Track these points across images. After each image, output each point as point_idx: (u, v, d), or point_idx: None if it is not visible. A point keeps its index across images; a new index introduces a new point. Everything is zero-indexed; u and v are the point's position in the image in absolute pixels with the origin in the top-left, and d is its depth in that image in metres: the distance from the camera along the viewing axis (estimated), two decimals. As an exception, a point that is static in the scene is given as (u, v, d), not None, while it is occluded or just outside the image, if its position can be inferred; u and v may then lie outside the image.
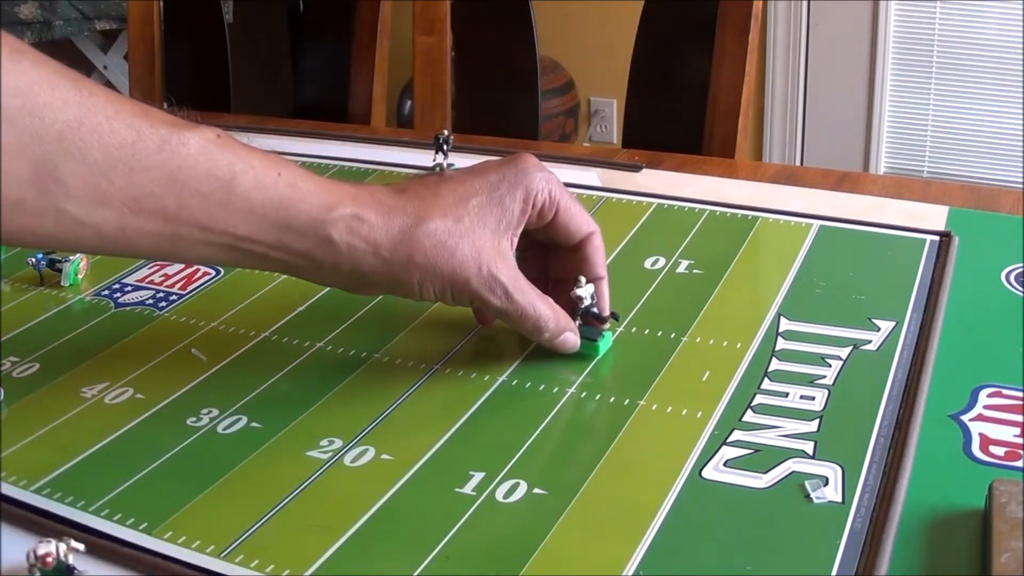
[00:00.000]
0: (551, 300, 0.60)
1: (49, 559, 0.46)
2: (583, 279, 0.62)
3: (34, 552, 0.46)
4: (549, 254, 0.64)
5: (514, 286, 0.58)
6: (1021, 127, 2.36)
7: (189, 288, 0.74)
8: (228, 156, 0.53)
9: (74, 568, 0.46)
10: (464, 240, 0.56)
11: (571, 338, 0.61)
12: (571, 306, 0.62)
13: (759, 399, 0.58)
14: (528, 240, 0.61)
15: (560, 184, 0.61)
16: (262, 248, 0.54)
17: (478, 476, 0.53)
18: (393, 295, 0.59)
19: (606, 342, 0.63)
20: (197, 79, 1.33)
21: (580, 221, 0.61)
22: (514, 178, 0.59)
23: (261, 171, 0.53)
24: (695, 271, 0.72)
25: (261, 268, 0.57)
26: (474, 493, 0.52)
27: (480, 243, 0.56)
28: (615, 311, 0.64)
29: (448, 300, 0.58)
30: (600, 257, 0.63)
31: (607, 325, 0.63)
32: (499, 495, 0.52)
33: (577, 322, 0.63)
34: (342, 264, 0.55)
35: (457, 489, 0.53)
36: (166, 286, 0.75)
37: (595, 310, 0.63)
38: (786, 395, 0.58)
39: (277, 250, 0.55)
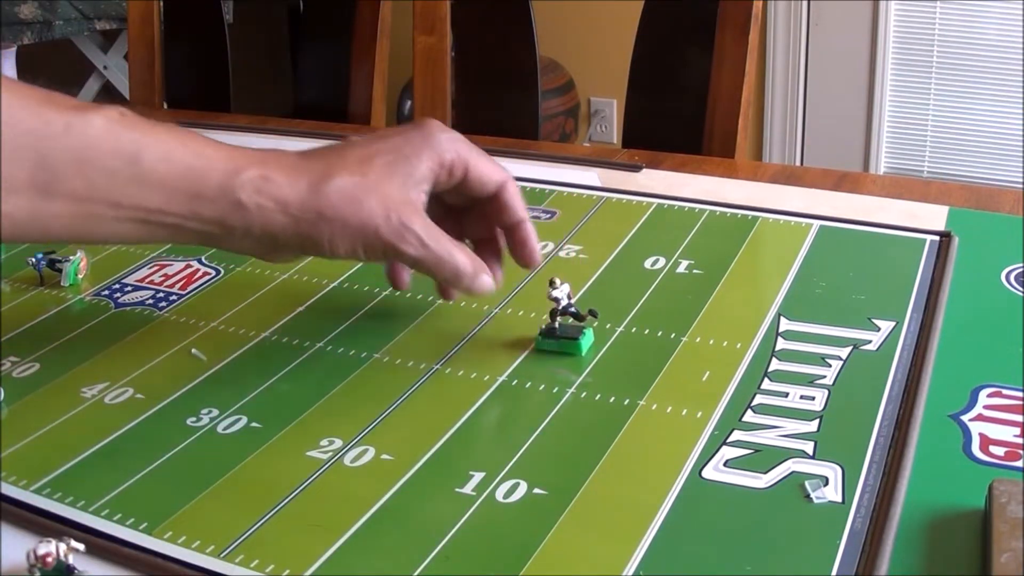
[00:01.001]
0: (464, 247, 0.60)
1: (49, 559, 0.46)
2: (557, 280, 0.62)
3: (34, 552, 0.46)
4: (465, 218, 0.64)
5: (428, 234, 0.57)
6: (1021, 127, 2.36)
7: (189, 288, 0.74)
8: (132, 133, 0.54)
9: (74, 568, 0.46)
10: (372, 193, 0.56)
11: (487, 280, 0.61)
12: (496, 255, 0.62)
13: (759, 399, 0.58)
14: (443, 208, 0.62)
15: (467, 142, 0.61)
16: (174, 219, 0.55)
17: (478, 476, 0.53)
18: (306, 255, 0.59)
19: (587, 339, 0.63)
20: (197, 79, 1.33)
21: (493, 171, 0.61)
22: (419, 140, 0.59)
23: (167, 144, 0.54)
24: (695, 271, 0.72)
25: (176, 241, 0.57)
26: (474, 493, 0.52)
27: (388, 195, 0.57)
28: (593, 308, 0.64)
29: (360, 255, 0.58)
30: (518, 201, 0.62)
31: (586, 322, 0.64)
32: (499, 495, 0.52)
33: (557, 323, 0.63)
34: (253, 226, 0.56)
35: (457, 489, 0.53)
36: (166, 286, 0.75)
37: (573, 309, 0.63)
38: (786, 395, 0.58)
39: (190, 219, 0.55)
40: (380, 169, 0.57)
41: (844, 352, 0.62)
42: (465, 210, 0.64)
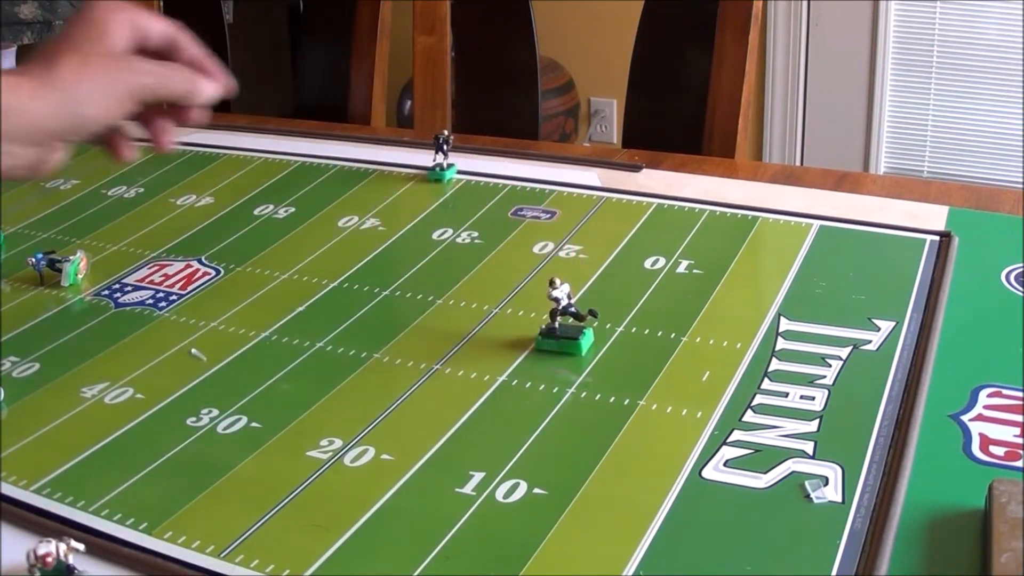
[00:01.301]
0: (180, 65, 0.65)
1: (49, 559, 0.46)
2: (557, 280, 0.63)
3: (34, 552, 0.46)
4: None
5: (151, 64, 0.63)
6: (1021, 127, 2.36)
7: (189, 288, 0.74)
8: None
9: (74, 568, 0.46)
10: (96, 59, 0.61)
11: (209, 84, 0.65)
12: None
13: (759, 399, 0.58)
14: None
15: (138, 9, 0.66)
16: None
17: (478, 476, 0.53)
18: (76, 139, 0.62)
19: (587, 339, 0.63)
20: (197, 79, 1.32)
21: (164, 22, 0.66)
22: (100, 10, 0.64)
23: None
24: (695, 271, 0.72)
25: None
26: (474, 493, 0.52)
27: (107, 55, 0.62)
28: (593, 308, 0.64)
29: (117, 111, 0.61)
30: (192, 42, 0.67)
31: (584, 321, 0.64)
32: (499, 495, 0.52)
33: (557, 323, 0.63)
34: (21, 130, 0.59)
35: (457, 489, 0.53)
36: (166, 286, 0.75)
37: (573, 309, 0.63)
38: (786, 395, 0.58)
39: None
40: (89, 42, 0.62)
41: (844, 352, 0.62)
42: None
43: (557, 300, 0.63)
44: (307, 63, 1.32)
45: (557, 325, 0.63)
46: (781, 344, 0.63)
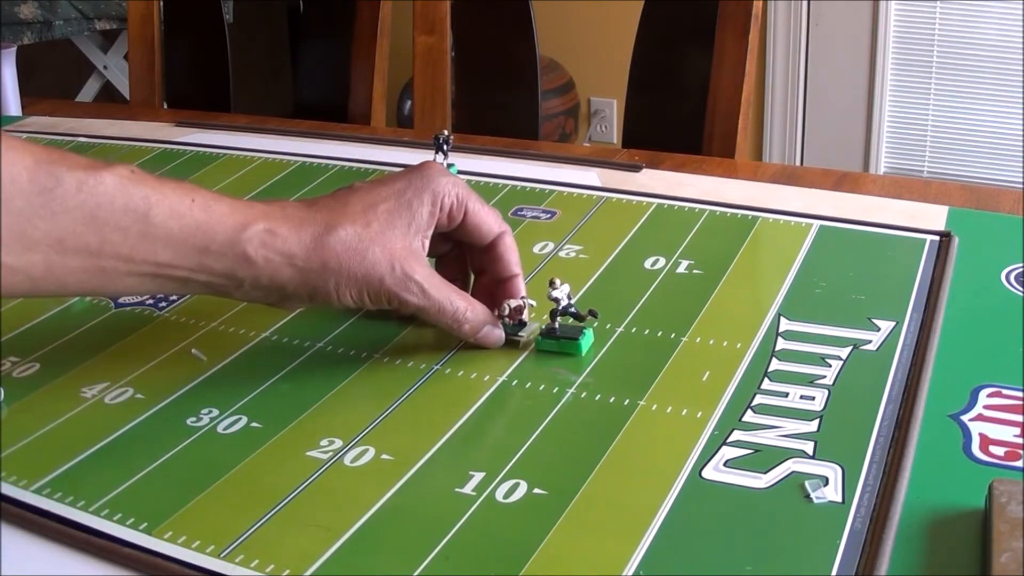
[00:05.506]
0: (468, 295, 0.62)
1: (518, 313, 0.60)
2: (557, 280, 0.63)
3: (508, 304, 0.61)
4: (467, 252, 0.66)
5: (429, 283, 0.59)
6: (1021, 127, 2.36)
7: (189, 288, 0.74)
8: (143, 189, 0.55)
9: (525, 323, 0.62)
10: (375, 244, 0.58)
11: (494, 332, 0.63)
12: (492, 300, 0.63)
13: (759, 399, 0.58)
14: (446, 241, 0.64)
15: (467, 187, 0.62)
16: (183, 272, 0.56)
17: (478, 476, 0.53)
18: (315, 305, 0.60)
19: (587, 340, 0.63)
20: (197, 79, 1.33)
21: (490, 222, 0.63)
22: (420, 183, 0.60)
23: (175, 199, 0.56)
24: (695, 271, 0.72)
25: (187, 292, 0.58)
26: (474, 493, 0.52)
27: (391, 245, 0.58)
28: (593, 308, 0.64)
29: (367, 303, 0.59)
30: (512, 255, 0.64)
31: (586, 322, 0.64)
32: (499, 495, 0.52)
33: (557, 323, 0.63)
34: (261, 278, 0.57)
35: (457, 489, 0.53)
36: (166, 286, 0.74)
37: (573, 310, 0.63)
38: (786, 395, 0.58)
39: (198, 272, 0.56)
40: (383, 217, 0.59)
41: (844, 352, 0.62)
42: (466, 246, 0.66)
43: (557, 300, 0.63)
44: (307, 63, 1.32)
45: (557, 325, 0.63)
46: (781, 344, 0.63)
